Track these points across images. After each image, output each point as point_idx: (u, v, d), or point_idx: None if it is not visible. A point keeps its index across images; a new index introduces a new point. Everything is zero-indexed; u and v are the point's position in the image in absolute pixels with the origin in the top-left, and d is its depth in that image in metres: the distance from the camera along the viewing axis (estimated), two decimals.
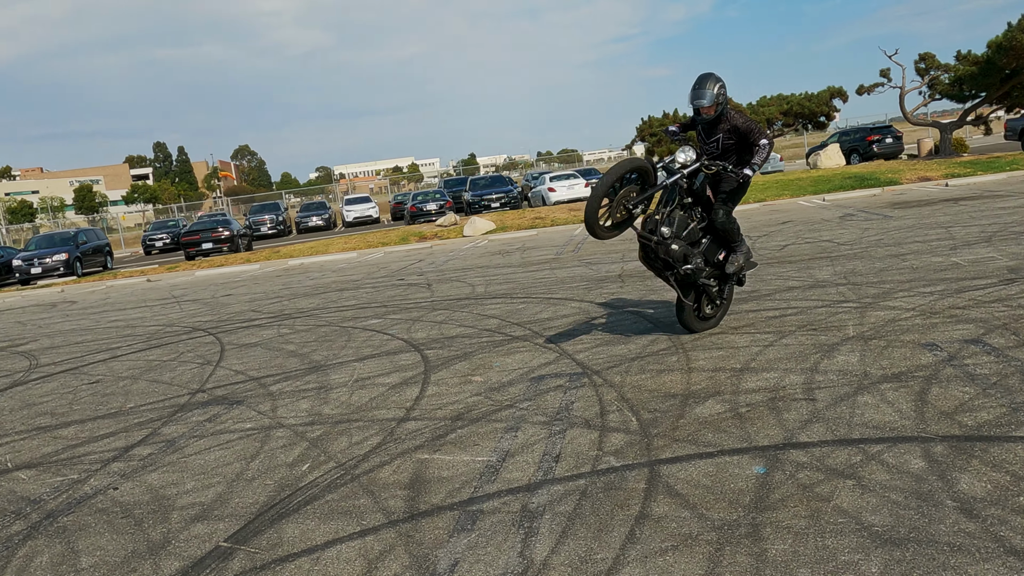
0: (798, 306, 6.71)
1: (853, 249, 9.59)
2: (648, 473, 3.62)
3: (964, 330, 5.32)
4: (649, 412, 4.47)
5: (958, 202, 13.58)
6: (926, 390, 4.25)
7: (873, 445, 3.61)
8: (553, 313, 7.85)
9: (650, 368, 5.38)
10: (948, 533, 2.77)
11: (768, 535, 2.92)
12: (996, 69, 21.16)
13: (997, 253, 8.05)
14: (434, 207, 28.71)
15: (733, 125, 5.75)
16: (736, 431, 4.01)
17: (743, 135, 5.74)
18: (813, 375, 4.76)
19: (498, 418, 4.71)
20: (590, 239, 15.57)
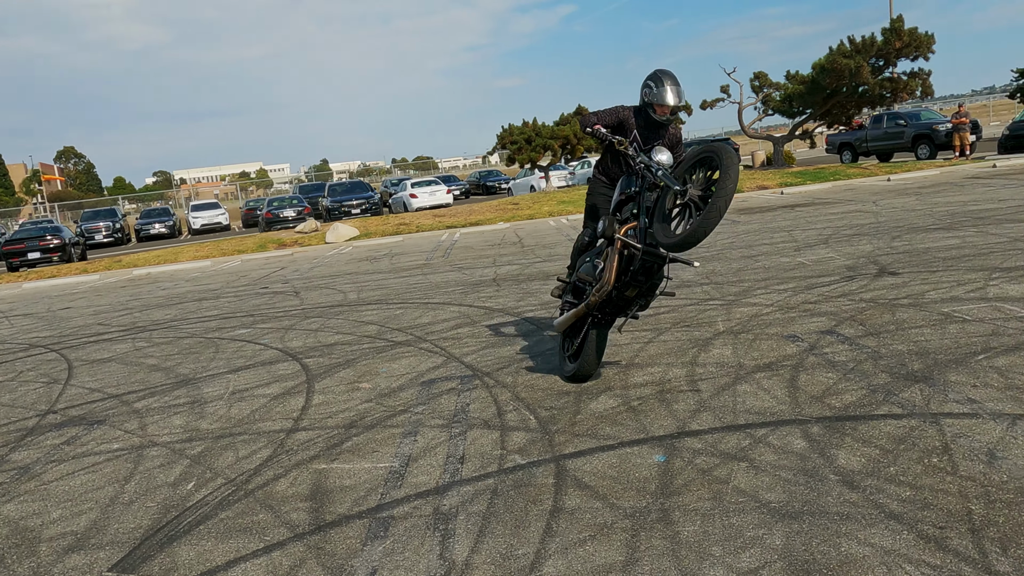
0: (669, 305, 7.07)
1: (710, 252, 10.23)
2: (555, 468, 3.69)
3: (819, 322, 5.82)
4: (546, 410, 4.55)
5: (794, 208, 14.85)
6: (795, 377, 4.62)
7: (758, 429, 3.88)
8: (433, 317, 7.80)
9: (540, 368, 5.48)
10: (836, 504, 3.03)
11: (678, 518, 3.07)
12: (820, 88, 23.37)
13: (835, 253, 8.88)
14: (292, 213, 27.72)
15: (673, 133, 5.00)
16: (632, 423, 4.17)
17: (674, 146, 4.96)
18: (694, 368, 5.04)
19: (394, 423, 4.62)
20: (460, 243, 15.64)
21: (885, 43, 22.02)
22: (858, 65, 21.66)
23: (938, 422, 3.70)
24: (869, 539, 2.75)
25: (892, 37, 21.76)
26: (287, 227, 26.24)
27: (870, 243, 9.32)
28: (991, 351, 4.66)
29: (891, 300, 6.26)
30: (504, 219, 19.81)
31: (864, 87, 23.21)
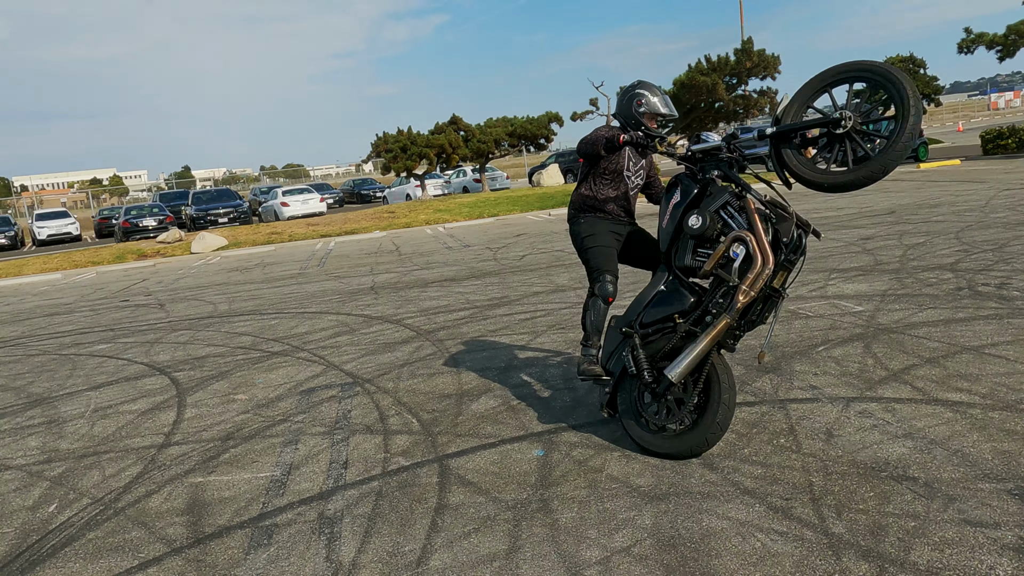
0: (546, 308, 7.33)
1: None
2: (439, 468, 3.78)
3: None
4: (428, 413, 4.63)
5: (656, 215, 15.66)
6: None
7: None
8: (311, 327, 7.69)
9: (420, 373, 5.55)
10: (698, 484, 3.30)
11: (557, 507, 3.24)
12: (680, 103, 24.79)
13: None
14: (153, 222, 26.20)
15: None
16: (512, 421, 4.33)
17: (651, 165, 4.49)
18: (568, 368, 5.27)
19: (274, 433, 4.55)
20: (336, 252, 15.39)
21: (738, 63, 23.69)
22: (714, 82, 23.19)
23: (785, 407, 4.09)
24: (727, 513, 3.02)
25: (744, 57, 23.45)
26: (148, 237, 24.80)
27: None
28: (829, 343, 5.18)
29: None
30: (380, 228, 19.66)
31: (720, 103, 24.83)
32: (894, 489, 3.07)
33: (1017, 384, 4.04)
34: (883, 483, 3.13)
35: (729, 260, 3.40)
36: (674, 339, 3.62)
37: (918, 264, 7.52)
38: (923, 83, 31.80)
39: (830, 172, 3.31)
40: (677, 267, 3.67)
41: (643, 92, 4.07)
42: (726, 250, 3.40)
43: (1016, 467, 3.14)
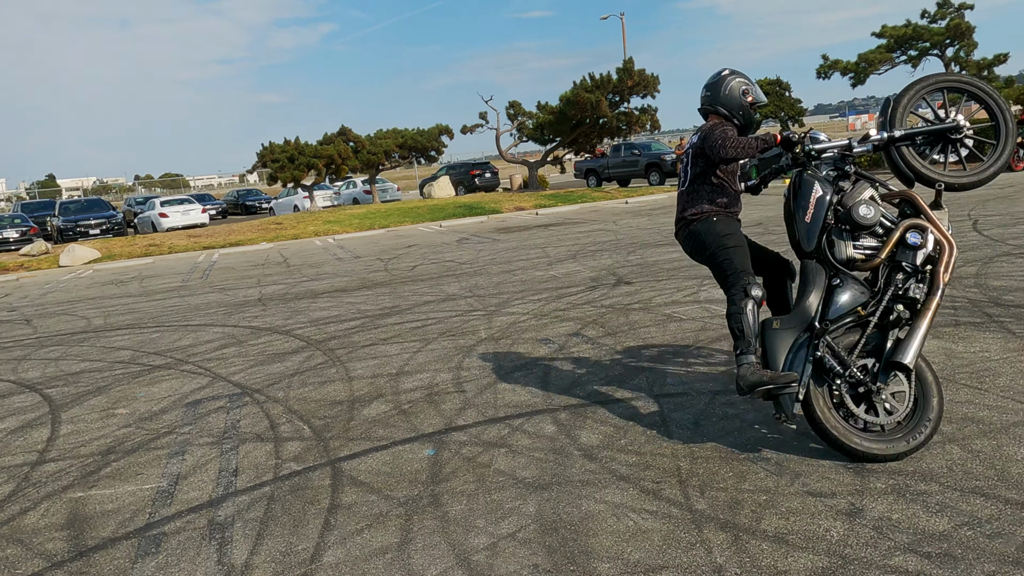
0: (436, 316, 7.47)
1: (473, 267, 10.86)
2: (331, 471, 3.86)
3: (567, 327, 6.54)
4: (320, 419, 4.68)
5: (548, 228, 16.13)
6: (548, 374, 5.19)
7: (516, 419, 4.35)
8: (195, 340, 7.49)
9: (311, 381, 5.56)
10: (579, 473, 3.55)
11: (447, 501, 3.39)
12: (567, 119, 25.62)
13: (581, 267, 9.89)
14: (15, 234, 24.39)
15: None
16: (403, 424, 4.45)
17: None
18: (459, 372, 5.44)
19: (158, 445, 4.47)
20: (220, 264, 14.91)
21: (620, 81, 24.73)
22: (598, 99, 24.10)
23: (659, 401, 4.42)
24: (603, 498, 3.27)
25: (625, 76, 24.51)
26: (9, 250, 23.08)
27: (610, 257, 10.50)
28: (699, 343, 5.60)
29: (626, 305, 7.19)
30: (267, 239, 19.19)
31: (604, 119, 25.81)
32: (750, 469, 3.42)
33: None
34: (741, 464, 3.48)
35: (906, 246, 3.50)
36: (862, 332, 3.53)
37: None
38: (788, 105, 34.18)
39: (958, 172, 3.66)
40: (838, 260, 3.59)
41: (747, 82, 3.96)
42: (901, 236, 3.50)
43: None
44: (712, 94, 4.02)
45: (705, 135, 3.81)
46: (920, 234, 3.51)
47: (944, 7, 23.67)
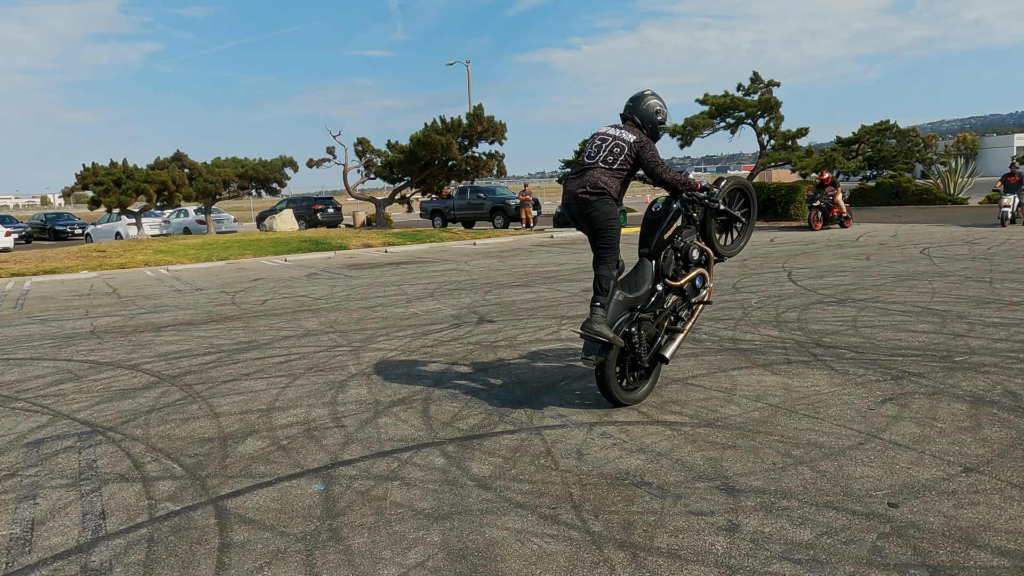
0: (299, 352, 7.28)
1: (328, 303, 10.66)
2: (214, 509, 3.68)
3: (438, 362, 6.62)
4: (191, 457, 4.43)
5: (399, 265, 16.13)
6: (427, 408, 5.25)
7: (403, 453, 4.37)
8: (22, 374, 6.79)
9: (172, 418, 5.24)
10: (476, 502, 3.64)
11: (347, 534, 3.36)
12: (417, 158, 25.84)
13: (442, 305, 10.02)
14: None
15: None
16: (285, 460, 4.32)
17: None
18: (335, 407, 5.36)
19: (1, 489, 4.03)
20: (34, 293, 13.51)
21: (469, 126, 25.40)
22: (448, 142, 24.58)
23: (540, 433, 4.62)
24: (504, 524, 3.39)
25: (475, 121, 25.23)
26: None
27: (469, 296, 10.72)
28: (569, 378, 5.89)
29: (492, 343, 7.39)
30: (89, 267, 17.63)
31: (453, 162, 26.32)
32: (636, 493, 3.68)
33: (714, 407, 5.00)
34: (627, 489, 3.73)
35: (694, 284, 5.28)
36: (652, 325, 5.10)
37: None
38: None
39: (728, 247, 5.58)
40: (663, 272, 5.11)
41: (661, 104, 5.12)
42: (694, 277, 5.24)
43: (721, 469, 3.93)
44: (634, 105, 5.11)
45: (644, 144, 4.87)
46: (703, 280, 5.33)
47: (756, 82, 26.60)
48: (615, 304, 4.81)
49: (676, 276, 5.16)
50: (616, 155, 4.85)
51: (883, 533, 3.15)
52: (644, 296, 4.96)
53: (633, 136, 4.86)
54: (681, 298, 5.23)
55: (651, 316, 5.04)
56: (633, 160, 4.86)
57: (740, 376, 5.73)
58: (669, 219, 5.02)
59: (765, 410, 4.88)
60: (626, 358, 5.01)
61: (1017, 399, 4.87)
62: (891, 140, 34.03)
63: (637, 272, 5.05)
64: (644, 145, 4.84)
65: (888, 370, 5.70)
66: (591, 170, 4.86)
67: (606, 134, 4.99)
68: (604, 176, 4.81)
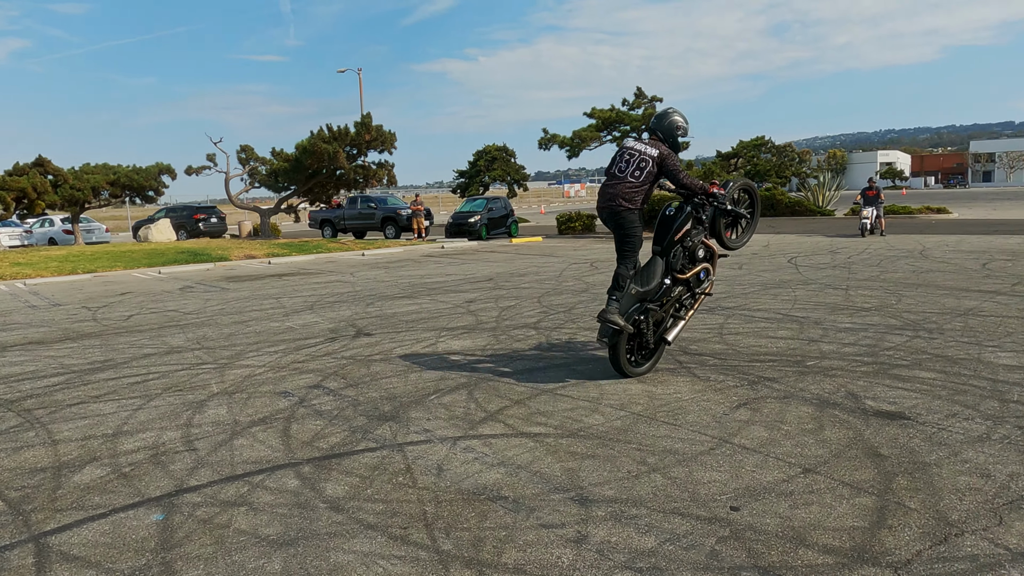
0: (159, 371, 6.88)
1: (200, 318, 10.16)
2: (34, 547, 3.38)
3: (307, 378, 6.41)
4: (16, 490, 4.07)
5: (282, 277, 15.62)
6: (288, 428, 5.05)
7: (255, 476, 4.17)
8: None
9: (2, 448, 4.82)
10: (325, 526, 3.51)
11: (181, 567, 3.16)
12: (303, 168, 25.14)
13: (320, 318, 9.74)
14: None
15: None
16: (125, 489, 4.04)
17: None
18: (189, 429, 5.07)
19: None
20: None
21: (358, 135, 24.97)
22: (335, 151, 24.07)
23: (403, 450, 4.53)
24: (352, 548, 3.28)
25: (363, 130, 24.83)
26: None
27: (349, 309, 10.48)
28: (440, 392, 5.83)
29: (367, 356, 7.23)
30: None
31: (341, 171, 25.79)
32: (491, 508, 3.65)
33: (579, 417, 5.06)
34: (482, 504, 3.70)
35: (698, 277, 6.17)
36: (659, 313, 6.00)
37: (510, 323, 8.81)
38: (513, 170, 37.01)
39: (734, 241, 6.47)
40: (672, 268, 5.94)
41: (683, 122, 6.02)
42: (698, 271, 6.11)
43: (577, 480, 3.96)
44: (658, 121, 6.03)
45: (666, 156, 5.79)
46: (707, 274, 6.22)
47: (640, 97, 27.53)
48: (628, 296, 5.70)
49: (684, 270, 5.98)
50: (643, 169, 5.78)
51: (722, 537, 3.25)
52: (654, 289, 5.83)
53: (656, 150, 5.81)
54: (686, 288, 6.12)
55: (659, 305, 5.91)
56: (657, 170, 5.80)
57: (608, 385, 5.83)
58: (680, 221, 5.92)
59: (627, 418, 4.98)
60: (635, 340, 5.96)
61: (857, 400, 5.18)
62: (767, 155, 36.04)
63: (649, 268, 5.87)
64: (667, 156, 5.80)
65: (746, 376, 5.95)
66: (621, 183, 5.82)
67: (633, 148, 5.92)
68: (633, 191, 5.78)
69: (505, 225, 27.42)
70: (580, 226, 26.69)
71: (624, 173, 5.82)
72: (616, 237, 5.88)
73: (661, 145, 5.84)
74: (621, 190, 5.77)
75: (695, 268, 6.04)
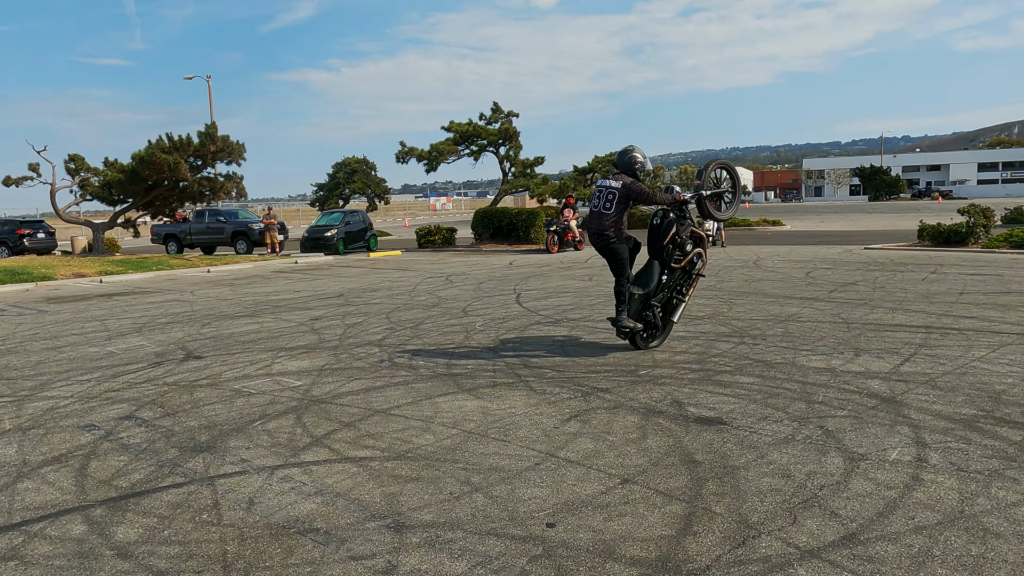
0: None
1: (7, 344, 9.16)
2: None
3: (119, 409, 5.87)
4: None
5: (112, 297, 14.44)
6: (86, 465, 4.57)
7: (35, 524, 3.72)
8: None
9: None
10: (109, 574, 3.16)
11: None
12: (141, 179, 23.45)
13: (147, 341, 9.04)
14: None
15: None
16: None
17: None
18: None
19: None
20: None
21: (202, 145, 23.66)
22: (176, 162, 22.66)
23: (213, 484, 4.20)
24: None
25: (207, 141, 23.55)
26: None
27: (182, 330, 9.80)
28: (266, 417, 5.50)
29: (192, 382, 6.75)
30: None
31: (185, 183, 24.32)
32: (299, 542, 3.43)
33: (409, 437, 4.92)
34: (291, 539, 3.47)
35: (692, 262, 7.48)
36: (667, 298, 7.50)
37: (353, 341, 8.53)
38: (374, 184, 36.44)
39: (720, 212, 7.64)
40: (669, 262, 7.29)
41: (640, 158, 7.15)
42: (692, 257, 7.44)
43: (396, 505, 3.82)
44: (620, 158, 7.22)
45: (629, 186, 6.98)
46: (699, 258, 7.53)
47: (497, 112, 27.89)
48: (634, 301, 7.14)
49: (679, 261, 7.33)
50: (611, 200, 7.02)
51: (534, 556, 3.21)
52: (654, 288, 7.21)
53: (619, 182, 7.01)
54: (684, 273, 7.43)
55: (661, 296, 7.32)
56: (624, 197, 6.97)
57: (444, 402, 5.73)
58: (666, 228, 7.20)
59: (459, 436, 4.89)
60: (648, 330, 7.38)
61: (681, 407, 5.36)
62: None
63: (647, 271, 7.25)
64: (630, 185, 6.98)
65: (581, 387, 6.04)
66: (599, 217, 7.09)
67: (601, 185, 7.19)
68: (608, 221, 7.04)
69: (364, 239, 26.87)
70: (440, 239, 26.60)
71: (598, 208, 7.09)
72: (608, 262, 7.19)
73: (624, 177, 7.02)
74: (603, 224, 7.03)
75: (688, 256, 7.34)
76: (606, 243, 7.04)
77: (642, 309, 7.19)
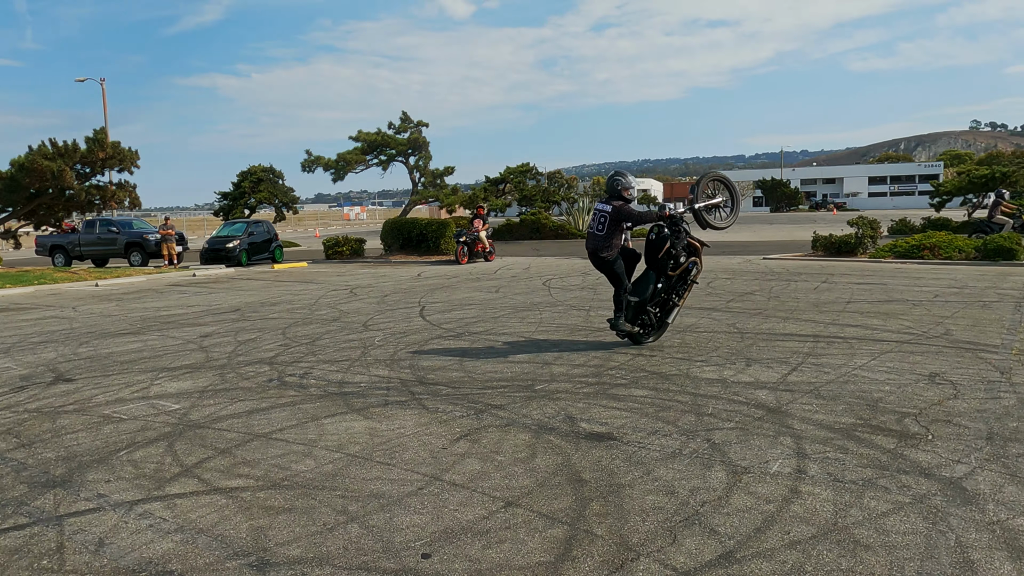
0: None
1: None
2: None
3: None
4: None
5: None
6: None
7: None
8: None
9: None
10: None
11: None
12: (21, 187, 21.91)
13: (14, 363, 8.35)
14: None
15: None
16: None
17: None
18: None
19: None
20: None
21: (89, 151, 22.35)
22: (60, 169, 21.29)
23: (61, 523, 3.83)
24: None
25: (96, 147, 22.26)
26: None
27: (56, 350, 9.12)
28: (134, 445, 5.11)
29: (57, 408, 6.23)
30: None
31: (71, 191, 22.90)
32: None
33: (288, 463, 4.65)
34: None
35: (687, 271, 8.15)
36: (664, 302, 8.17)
37: (243, 359, 8.12)
38: (281, 193, 35.37)
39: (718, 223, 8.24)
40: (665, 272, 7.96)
41: (624, 182, 7.93)
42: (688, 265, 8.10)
43: (263, 540, 3.56)
44: (607, 184, 8.00)
45: (619, 209, 7.74)
46: (694, 266, 8.12)
47: (406, 122, 27.59)
48: (631, 307, 7.85)
49: (675, 269, 7.94)
50: (603, 223, 7.80)
51: None
52: (650, 296, 7.91)
53: (610, 206, 7.78)
54: (680, 279, 8.07)
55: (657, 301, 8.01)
56: (615, 220, 7.74)
57: (330, 424, 5.48)
58: (659, 243, 7.88)
59: (341, 461, 4.66)
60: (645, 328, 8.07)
61: (573, 423, 5.29)
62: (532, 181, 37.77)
63: (644, 280, 7.97)
64: (619, 208, 7.73)
65: (475, 404, 5.89)
66: (594, 238, 7.85)
67: (597, 209, 7.94)
68: (603, 242, 7.78)
69: (268, 250, 25.99)
70: (348, 250, 26.02)
71: (593, 229, 7.89)
72: (605, 275, 7.97)
73: (614, 201, 7.79)
74: (598, 244, 7.78)
75: (683, 265, 7.98)
76: (601, 260, 7.80)
77: (638, 314, 7.91)
